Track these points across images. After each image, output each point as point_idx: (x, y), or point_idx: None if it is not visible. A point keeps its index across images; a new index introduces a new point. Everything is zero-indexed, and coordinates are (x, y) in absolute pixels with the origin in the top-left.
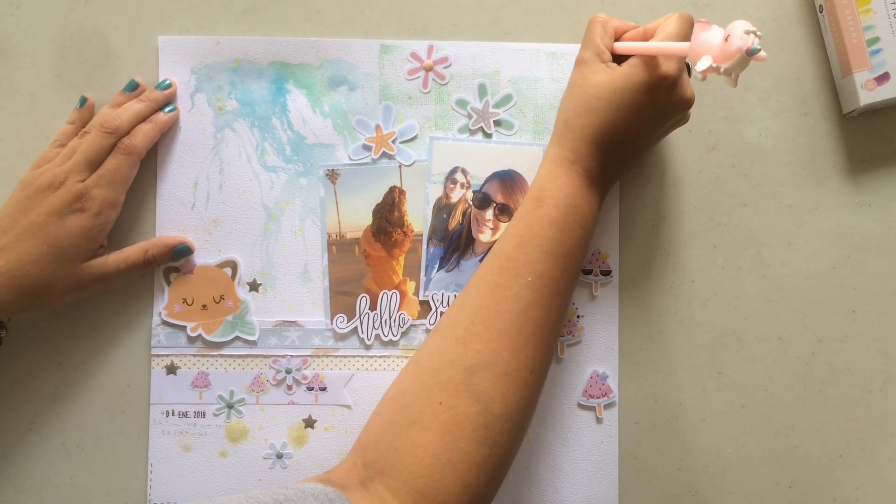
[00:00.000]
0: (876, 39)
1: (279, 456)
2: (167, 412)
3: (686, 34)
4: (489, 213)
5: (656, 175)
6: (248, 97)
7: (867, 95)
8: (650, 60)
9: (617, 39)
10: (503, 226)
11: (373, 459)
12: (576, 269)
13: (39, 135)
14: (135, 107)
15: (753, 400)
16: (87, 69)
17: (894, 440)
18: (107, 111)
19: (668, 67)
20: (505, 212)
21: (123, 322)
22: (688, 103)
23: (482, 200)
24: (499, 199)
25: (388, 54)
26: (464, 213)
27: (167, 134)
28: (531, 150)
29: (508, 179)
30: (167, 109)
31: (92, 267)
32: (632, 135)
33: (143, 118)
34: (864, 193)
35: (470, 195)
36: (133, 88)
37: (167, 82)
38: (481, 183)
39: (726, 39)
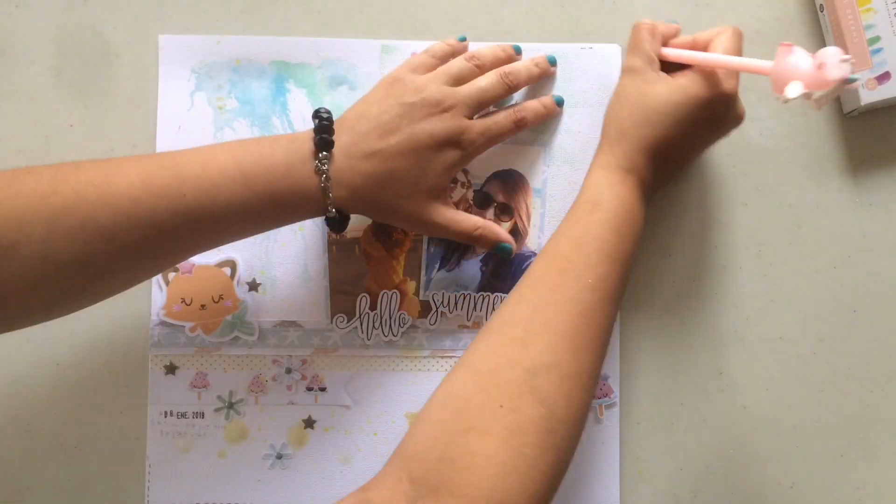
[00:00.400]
0: (877, 39)
1: (279, 456)
2: (166, 412)
3: (740, 50)
4: (490, 213)
5: None
6: (249, 96)
7: (868, 95)
8: (710, 75)
9: (664, 45)
10: (504, 225)
11: (422, 474)
12: (628, 276)
13: (38, 134)
14: (534, 70)
15: (754, 400)
16: (87, 68)
17: (895, 440)
18: (499, 52)
19: (728, 84)
20: (506, 211)
21: (121, 322)
22: (740, 120)
23: (483, 200)
24: (499, 198)
25: (389, 54)
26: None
27: (167, 133)
28: (532, 150)
29: (509, 179)
30: (557, 100)
31: (434, 208)
32: (685, 148)
33: (535, 83)
34: (865, 193)
35: (470, 195)
36: (519, 51)
37: (553, 58)
38: (482, 182)
39: (819, 67)
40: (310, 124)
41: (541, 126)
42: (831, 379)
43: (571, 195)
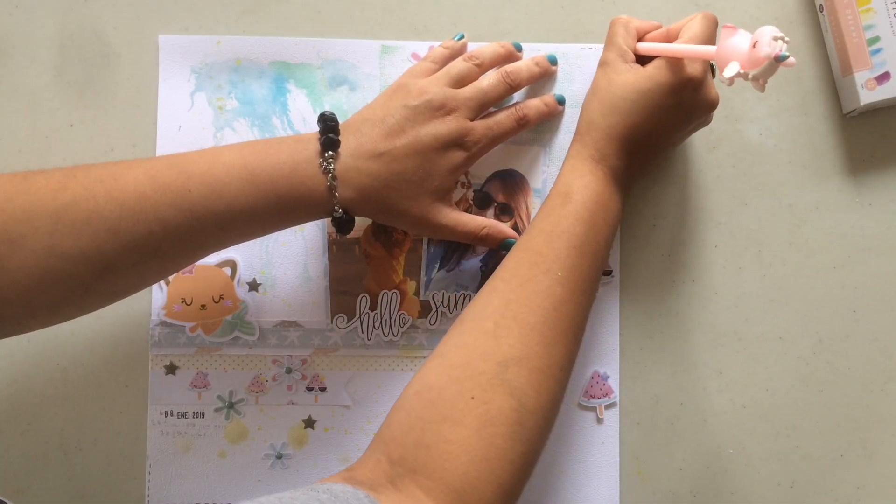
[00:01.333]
0: (876, 39)
1: (279, 456)
2: (166, 412)
3: (711, 35)
4: (490, 213)
5: (656, 175)
6: (249, 96)
7: (867, 95)
8: (675, 62)
9: (640, 40)
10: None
11: (399, 456)
12: (601, 267)
13: (39, 134)
14: (534, 69)
15: (754, 400)
16: (87, 68)
17: (895, 440)
18: (496, 49)
19: (693, 69)
20: (506, 211)
21: (121, 322)
22: (712, 105)
23: (483, 200)
24: (500, 198)
25: (389, 54)
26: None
27: (167, 133)
28: (532, 150)
29: (509, 179)
30: (558, 98)
31: (439, 210)
32: (656, 135)
33: (536, 81)
34: (864, 193)
35: (471, 195)
36: (520, 49)
37: (553, 57)
38: (482, 182)
39: (754, 45)
40: (310, 125)
41: (541, 126)
42: (831, 379)
43: None
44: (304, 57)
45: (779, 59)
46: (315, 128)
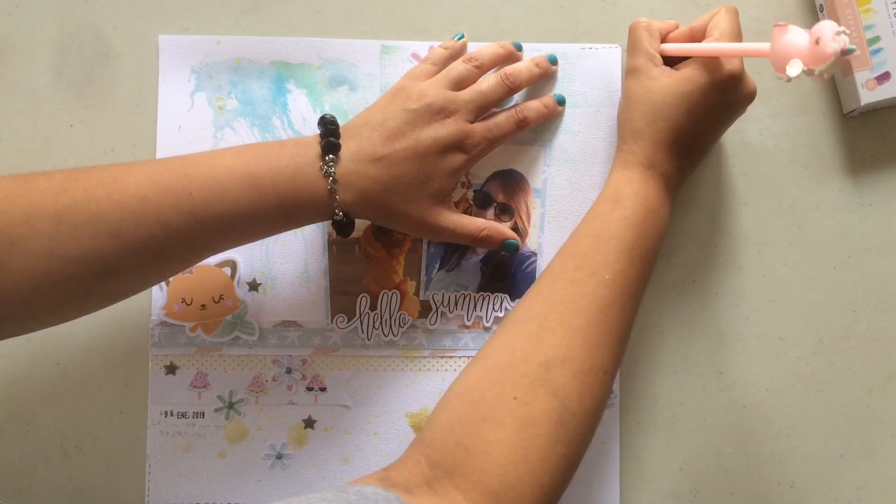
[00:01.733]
0: (876, 39)
1: (279, 456)
2: (166, 412)
3: (738, 28)
4: (490, 213)
5: None
6: (249, 96)
7: (868, 95)
8: (712, 60)
9: (662, 41)
10: (503, 225)
11: (439, 458)
12: (649, 273)
13: (39, 134)
14: (534, 70)
15: (754, 400)
16: (87, 68)
17: (895, 440)
18: (496, 49)
19: (731, 65)
20: (506, 211)
21: (121, 322)
22: (753, 96)
23: (483, 200)
24: (500, 198)
25: (389, 54)
26: (465, 213)
27: (167, 133)
28: (532, 150)
29: (509, 179)
30: (558, 97)
31: (439, 212)
32: (703, 134)
33: (535, 83)
34: (864, 193)
35: (471, 195)
36: (520, 48)
37: (553, 57)
38: (482, 182)
39: (816, 42)
40: (310, 124)
41: (541, 126)
42: (831, 379)
43: (571, 195)
44: (304, 57)
45: (846, 53)
46: (315, 129)
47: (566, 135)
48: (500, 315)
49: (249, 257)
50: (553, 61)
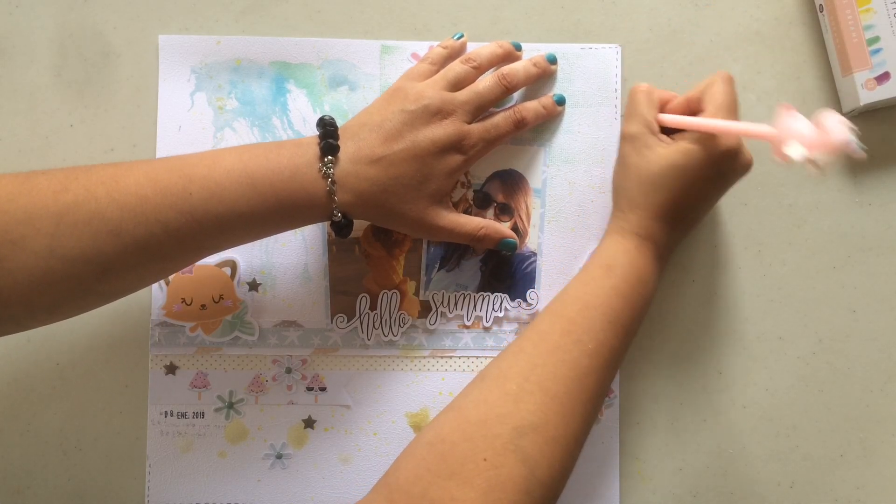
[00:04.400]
0: (876, 39)
1: (279, 456)
2: (166, 412)
3: (734, 100)
4: (490, 213)
5: None
6: (249, 96)
7: (867, 95)
8: (709, 135)
9: (661, 110)
10: (503, 225)
11: None
12: (630, 343)
13: (38, 134)
14: (532, 70)
15: (754, 400)
16: (87, 68)
17: (895, 440)
18: (494, 49)
19: (728, 140)
20: (505, 211)
21: (122, 322)
22: (748, 167)
23: (483, 200)
24: (499, 198)
25: (389, 54)
26: (464, 213)
27: (167, 133)
28: (532, 150)
29: (509, 179)
30: (557, 97)
31: (434, 213)
32: (698, 205)
33: (533, 82)
34: (864, 193)
35: (471, 195)
36: (519, 48)
37: (553, 56)
38: (482, 182)
39: (821, 129)
40: (310, 125)
41: (541, 126)
42: (831, 379)
43: (571, 195)
44: (304, 57)
45: (850, 146)
46: (315, 129)
47: (566, 135)
48: (500, 315)
49: (249, 257)
50: (552, 61)
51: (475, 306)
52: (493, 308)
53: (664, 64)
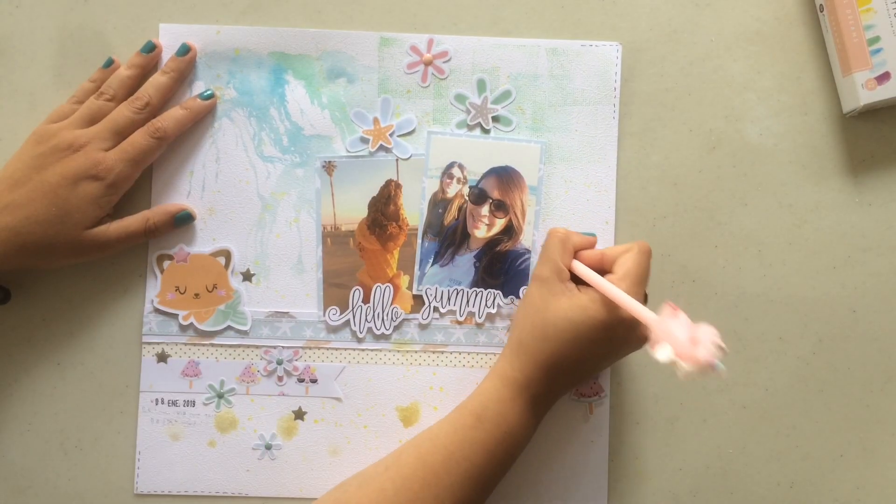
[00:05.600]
0: (876, 39)
1: (268, 447)
2: (156, 400)
3: (645, 270)
4: (485, 209)
5: (656, 175)
6: (247, 87)
7: (867, 95)
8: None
9: (576, 255)
10: (499, 222)
11: None
12: (489, 492)
13: None
14: (160, 80)
15: (754, 400)
16: (87, 68)
17: (895, 440)
18: (124, 74)
19: (626, 311)
20: (501, 208)
21: (122, 322)
22: (641, 343)
23: (478, 196)
24: (495, 195)
25: (388, 47)
26: (459, 209)
27: None
28: (529, 147)
29: (505, 176)
30: (204, 94)
31: (94, 234)
32: (583, 364)
33: (170, 92)
34: (864, 193)
35: (466, 190)
36: (150, 49)
37: (186, 46)
38: (478, 179)
39: (693, 342)
40: (308, 116)
41: (537, 123)
42: (831, 379)
43: (567, 193)
44: (302, 48)
45: (712, 368)
46: (314, 119)
47: (563, 132)
48: (493, 312)
49: (244, 247)
50: (206, 98)
51: (468, 302)
52: (486, 304)
53: (664, 64)
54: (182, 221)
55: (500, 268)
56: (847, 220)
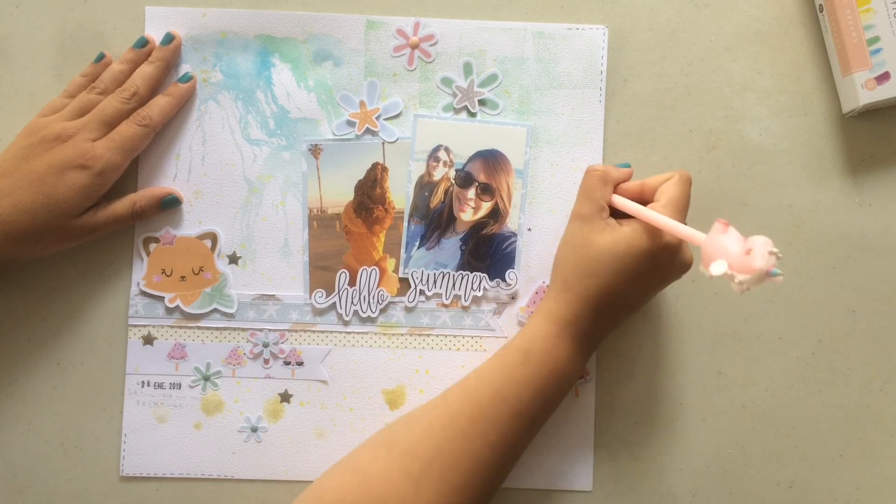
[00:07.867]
0: (876, 39)
1: (254, 429)
2: (142, 383)
3: (687, 198)
4: (471, 192)
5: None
6: (233, 70)
7: (867, 95)
8: (652, 227)
9: (616, 189)
10: (485, 205)
11: None
12: (537, 430)
13: None
14: (146, 70)
15: (754, 400)
16: None
17: (894, 440)
18: (117, 68)
19: (669, 237)
20: (487, 191)
21: (122, 322)
22: (687, 267)
23: (464, 179)
24: (481, 178)
25: (375, 30)
26: (446, 192)
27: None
28: (515, 130)
29: (491, 159)
30: (184, 78)
31: (82, 221)
32: (630, 296)
33: (157, 81)
34: (864, 193)
35: (452, 174)
36: (143, 45)
37: (170, 35)
38: (464, 162)
39: (747, 252)
40: (295, 100)
41: (523, 106)
42: (831, 379)
43: (553, 176)
44: (289, 31)
45: (770, 275)
46: (300, 102)
47: (549, 116)
48: (479, 295)
49: (230, 230)
50: (185, 81)
51: (454, 285)
52: (472, 287)
53: (664, 64)
54: (169, 205)
55: (487, 251)
56: (847, 220)
